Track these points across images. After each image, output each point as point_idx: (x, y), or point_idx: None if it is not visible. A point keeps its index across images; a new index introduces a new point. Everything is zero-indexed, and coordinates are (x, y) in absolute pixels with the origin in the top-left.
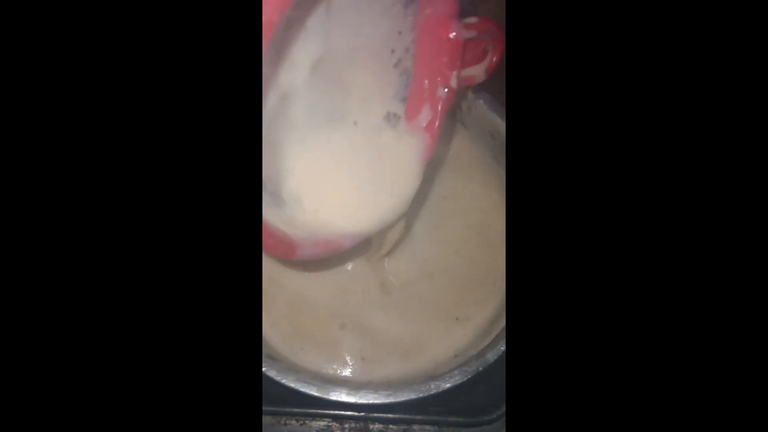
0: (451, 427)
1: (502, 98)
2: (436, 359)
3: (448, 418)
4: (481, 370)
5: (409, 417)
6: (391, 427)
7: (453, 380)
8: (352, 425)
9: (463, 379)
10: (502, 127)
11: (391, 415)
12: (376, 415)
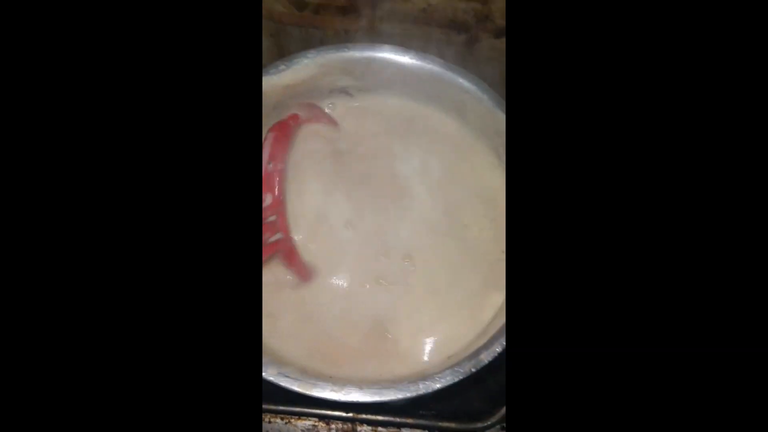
0: None
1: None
2: None
3: (440, 423)
4: (474, 371)
5: (399, 420)
6: (380, 429)
7: (444, 381)
8: (339, 426)
9: (455, 380)
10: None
11: (380, 417)
12: (364, 416)
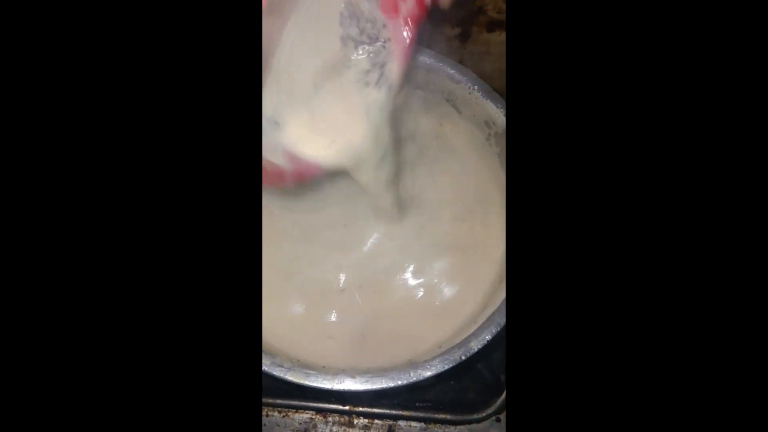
0: (439, 425)
1: (496, 86)
2: None
3: (436, 414)
4: (464, 359)
5: (395, 413)
6: (376, 422)
7: (434, 368)
8: (336, 419)
9: (445, 368)
10: (497, 115)
11: (376, 410)
12: (361, 409)
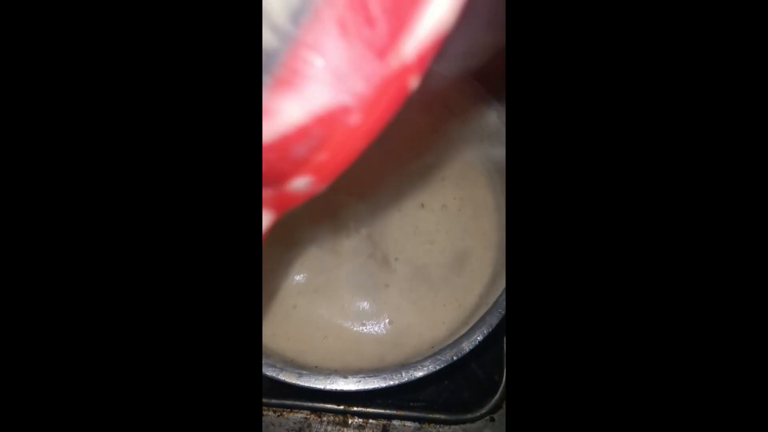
0: (433, 424)
1: (492, 89)
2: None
3: (430, 414)
4: (455, 359)
5: (390, 413)
6: (371, 421)
7: (426, 369)
8: (331, 418)
9: (437, 368)
10: (491, 118)
11: (370, 410)
12: (355, 409)
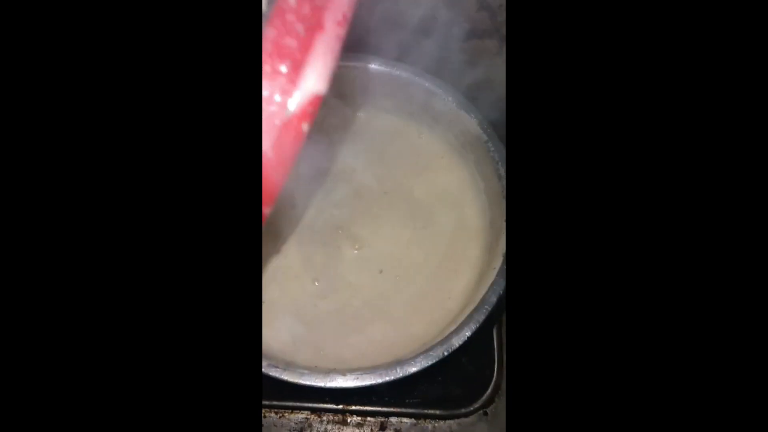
0: (429, 420)
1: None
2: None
3: (425, 410)
4: (446, 354)
5: (387, 410)
6: (369, 419)
7: (419, 365)
8: (330, 417)
9: (429, 363)
10: (471, 123)
11: (368, 408)
12: (354, 408)
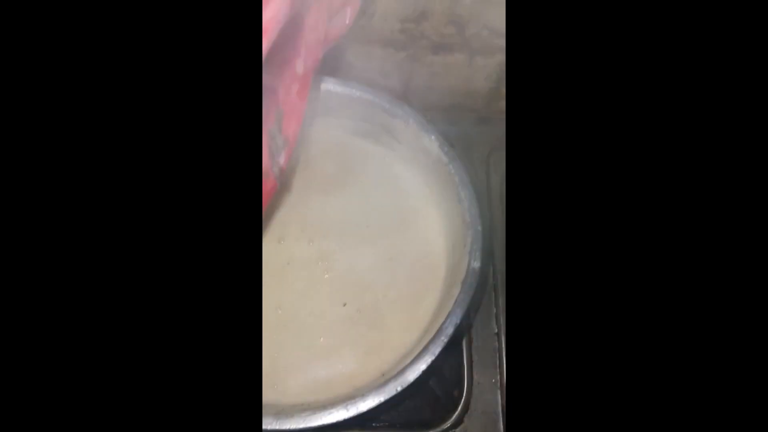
0: None
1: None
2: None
3: None
4: (399, 390)
5: None
6: None
7: (371, 401)
8: None
9: (381, 401)
10: (432, 146)
11: None
12: None
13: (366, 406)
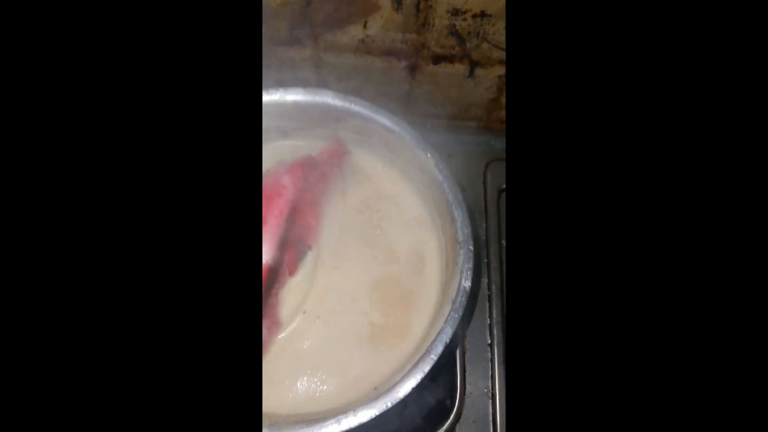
0: None
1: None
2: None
3: None
4: (390, 406)
5: None
6: None
7: (361, 417)
8: None
9: (372, 417)
10: (428, 163)
11: None
12: None
13: (357, 421)
